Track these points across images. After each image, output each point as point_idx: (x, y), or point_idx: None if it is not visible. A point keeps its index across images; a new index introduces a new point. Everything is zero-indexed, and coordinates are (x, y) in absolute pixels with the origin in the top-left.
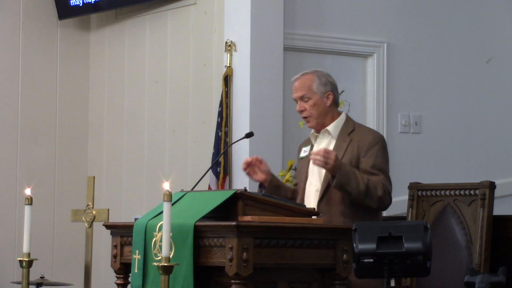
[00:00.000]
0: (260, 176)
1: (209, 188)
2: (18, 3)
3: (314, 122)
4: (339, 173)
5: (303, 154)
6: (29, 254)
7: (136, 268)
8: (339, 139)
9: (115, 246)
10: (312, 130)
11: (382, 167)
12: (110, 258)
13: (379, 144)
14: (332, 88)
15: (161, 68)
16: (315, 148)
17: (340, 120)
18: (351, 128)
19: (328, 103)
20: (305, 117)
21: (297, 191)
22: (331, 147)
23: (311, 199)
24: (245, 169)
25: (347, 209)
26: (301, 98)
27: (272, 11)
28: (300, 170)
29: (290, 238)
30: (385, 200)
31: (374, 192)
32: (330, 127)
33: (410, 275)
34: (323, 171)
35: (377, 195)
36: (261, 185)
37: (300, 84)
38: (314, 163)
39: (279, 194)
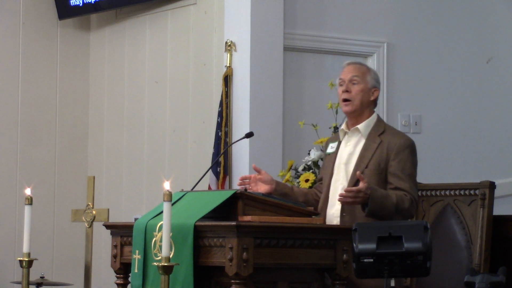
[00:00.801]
0: (263, 187)
1: (209, 188)
2: (18, 3)
3: (352, 108)
4: (372, 202)
5: (330, 150)
6: (29, 254)
7: (136, 268)
8: (369, 139)
9: (115, 246)
10: (343, 126)
11: (411, 173)
12: (110, 258)
13: (409, 148)
14: (379, 87)
15: (161, 68)
16: (344, 146)
17: (372, 120)
18: (381, 130)
19: (371, 98)
20: (345, 100)
21: (310, 193)
22: (359, 147)
23: (336, 197)
24: (240, 185)
25: None
26: (351, 80)
27: (272, 11)
28: (326, 165)
29: (290, 238)
30: (411, 210)
31: (402, 207)
32: (361, 126)
33: (410, 275)
34: (350, 168)
35: (404, 208)
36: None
37: (356, 68)
38: (343, 202)
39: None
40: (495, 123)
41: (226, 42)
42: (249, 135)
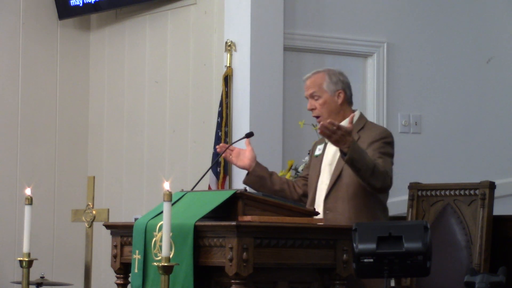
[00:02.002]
0: (243, 161)
1: (209, 188)
2: (18, 3)
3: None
4: (351, 149)
5: (317, 152)
6: (29, 254)
7: (136, 268)
8: None
9: (115, 246)
10: None
11: (383, 156)
12: (110, 258)
13: (384, 138)
14: (343, 86)
15: (161, 68)
16: (328, 146)
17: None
18: (361, 126)
19: (339, 102)
20: (316, 116)
21: (289, 184)
22: None
23: (321, 197)
24: (219, 149)
25: (352, 207)
26: (311, 96)
27: (272, 11)
28: (313, 167)
29: (290, 238)
30: (387, 180)
31: (379, 171)
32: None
33: (410, 275)
34: (332, 167)
35: (381, 174)
36: (248, 174)
37: (311, 82)
38: (321, 133)
39: (263, 185)
40: (495, 123)
41: (226, 42)
42: (249, 135)
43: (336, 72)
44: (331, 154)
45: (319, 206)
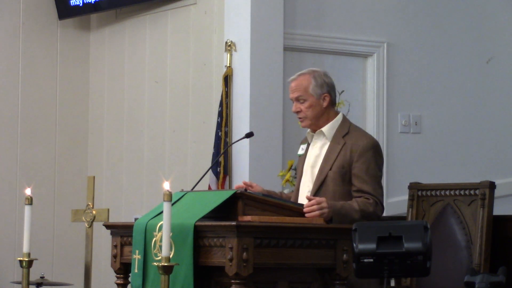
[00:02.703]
0: None
1: (209, 188)
2: (18, 3)
3: (308, 123)
4: (334, 215)
5: (300, 151)
6: (29, 254)
7: (136, 268)
8: (333, 141)
9: (115, 246)
10: (308, 129)
11: (374, 174)
12: (110, 258)
13: (372, 149)
14: (328, 89)
15: (161, 68)
16: (311, 147)
17: (336, 121)
18: (346, 131)
19: (324, 105)
20: (300, 117)
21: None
22: (325, 149)
23: (303, 199)
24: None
25: None
26: (297, 99)
27: (272, 11)
28: (298, 167)
29: (290, 238)
30: (377, 212)
31: (367, 212)
32: (325, 129)
33: (410, 275)
34: (315, 170)
35: (369, 212)
36: None
37: (296, 85)
38: (311, 217)
39: None
40: (495, 123)
41: (226, 42)
42: (249, 135)
43: (321, 73)
44: (313, 155)
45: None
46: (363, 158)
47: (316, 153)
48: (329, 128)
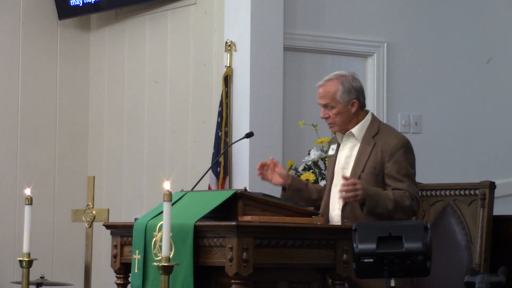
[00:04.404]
0: (278, 180)
1: (209, 188)
2: (18, 3)
3: (337, 128)
4: (367, 199)
5: (330, 152)
6: (29, 254)
7: (136, 268)
8: (364, 142)
9: (115, 246)
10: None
11: (407, 172)
12: (110, 258)
13: (404, 148)
14: (357, 95)
15: (161, 68)
16: (341, 148)
17: (365, 121)
18: (375, 131)
19: (353, 110)
20: (329, 123)
21: (323, 190)
22: (355, 150)
23: (335, 201)
24: (260, 174)
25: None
26: (325, 106)
27: (272, 11)
28: (328, 168)
29: (290, 238)
30: (413, 207)
31: (402, 205)
32: (354, 130)
33: (410, 275)
34: (347, 172)
35: (405, 205)
36: (284, 189)
37: (324, 91)
38: (346, 199)
39: (302, 197)
40: (495, 123)
41: (226, 42)
42: (249, 135)
43: (349, 78)
44: (344, 157)
45: (333, 210)
46: (395, 157)
47: (346, 154)
48: (358, 129)
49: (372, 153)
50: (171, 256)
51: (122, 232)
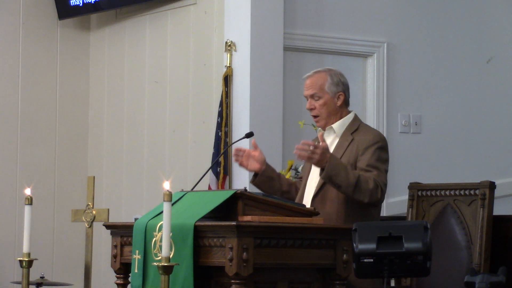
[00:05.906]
0: (254, 165)
1: (209, 188)
2: (18, 3)
3: (323, 122)
4: (328, 165)
5: None
6: (29, 254)
7: (136, 268)
8: (342, 137)
9: (115, 246)
10: (319, 129)
11: (377, 165)
12: (110, 258)
13: (378, 143)
14: (343, 89)
15: (161, 68)
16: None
17: (347, 119)
18: (355, 127)
19: (338, 103)
20: (314, 116)
21: (294, 185)
22: (334, 145)
23: (309, 196)
24: (236, 160)
25: (341, 208)
26: (312, 96)
27: (272, 11)
28: (306, 164)
29: (290, 238)
30: (377, 193)
31: (365, 186)
32: (335, 125)
33: (410, 275)
34: None
35: (367, 188)
36: (255, 175)
37: (312, 82)
38: (299, 156)
39: (272, 186)
40: (495, 123)
41: (226, 42)
42: (249, 135)
43: (337, 72)
44: None
45: (307, 203)
46: (368, 151)
47: None
48: (339, 125)
49: (348, 148)
50: (171, 256)
51: (122, 232)
